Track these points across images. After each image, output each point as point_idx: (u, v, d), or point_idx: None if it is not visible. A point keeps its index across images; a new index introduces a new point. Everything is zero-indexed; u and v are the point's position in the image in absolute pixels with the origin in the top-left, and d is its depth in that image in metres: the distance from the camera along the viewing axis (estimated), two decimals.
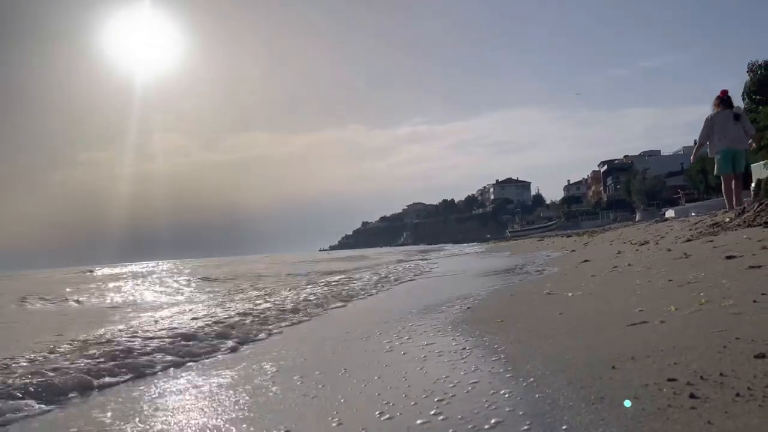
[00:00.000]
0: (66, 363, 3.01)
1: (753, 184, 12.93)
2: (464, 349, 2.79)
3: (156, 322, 4.86)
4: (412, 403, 1.94)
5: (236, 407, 2.15)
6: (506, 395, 1.88)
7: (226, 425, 1.93)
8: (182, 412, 2.16)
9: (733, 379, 1.58)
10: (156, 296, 9.55)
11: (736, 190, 8.64)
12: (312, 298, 6.41)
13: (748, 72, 34.79)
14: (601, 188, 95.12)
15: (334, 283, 8.71)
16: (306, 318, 4.96)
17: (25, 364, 3.08)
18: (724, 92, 8.87)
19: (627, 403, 1.52)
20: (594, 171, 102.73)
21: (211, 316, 4.84)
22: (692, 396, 1.51)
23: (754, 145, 9.01)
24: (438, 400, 1.93)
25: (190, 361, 3.21)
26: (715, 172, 8.96)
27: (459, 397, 1.95)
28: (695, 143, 10.20)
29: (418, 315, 4.25)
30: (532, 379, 2.00)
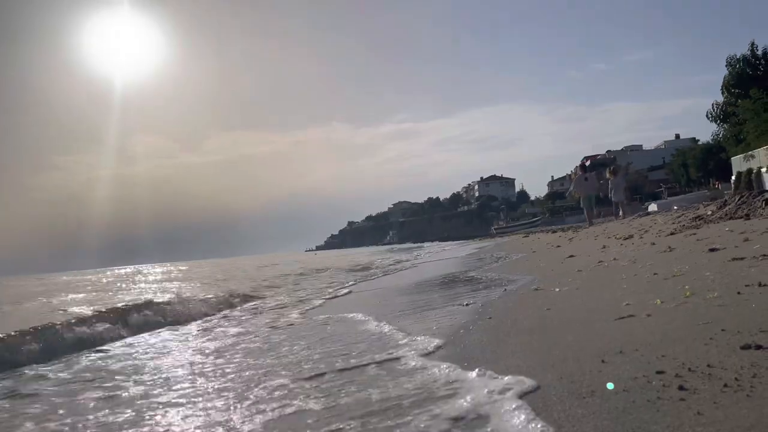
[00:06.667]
0: None
1: (733, 177, 13.11)
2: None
3: None
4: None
5: None
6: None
7: None
8: None
9: (720, 371, 1.61)
10: None
11: (594, 212, 16.25)
12: None
13: (726, 66, 35.19)
14: None
15: None
16: None
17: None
18: (584, 161, 18.03)
19: (610, 386, 1.57)
20: (577, 166, 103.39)
21: None
22: (681, 388, 1.53)
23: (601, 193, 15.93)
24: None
25: None
26: (581, 204, 16.77)
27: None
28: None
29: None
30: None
